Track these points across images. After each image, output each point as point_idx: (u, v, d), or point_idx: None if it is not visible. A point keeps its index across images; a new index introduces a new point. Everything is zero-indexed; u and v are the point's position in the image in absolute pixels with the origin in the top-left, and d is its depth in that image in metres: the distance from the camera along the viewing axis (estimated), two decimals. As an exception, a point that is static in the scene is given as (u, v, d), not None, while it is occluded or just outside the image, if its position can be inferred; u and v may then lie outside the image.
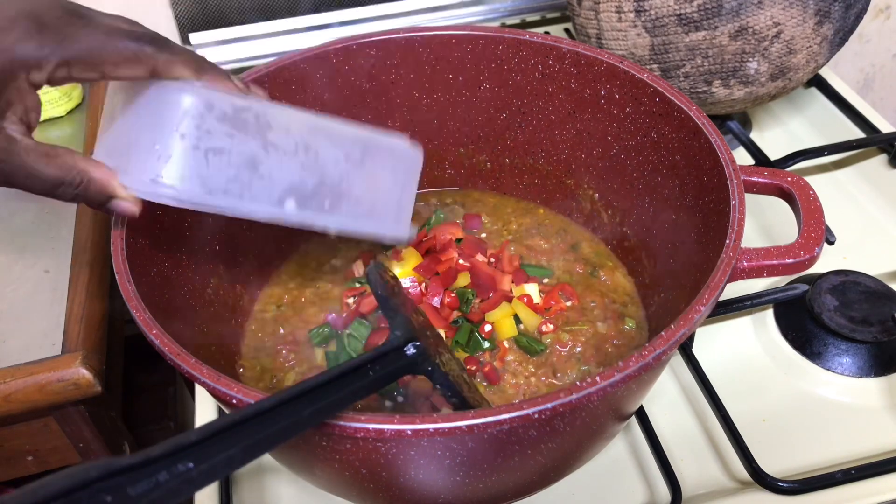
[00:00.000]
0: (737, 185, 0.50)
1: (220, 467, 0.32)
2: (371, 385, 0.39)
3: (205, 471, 0.31)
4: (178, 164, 0.43)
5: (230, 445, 0.32)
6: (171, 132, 0.42)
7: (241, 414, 0.34)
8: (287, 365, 0.61)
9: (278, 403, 0.35)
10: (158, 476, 0.30)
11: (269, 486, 0.58)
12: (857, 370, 0.62)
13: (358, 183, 0.53)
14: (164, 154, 0.43)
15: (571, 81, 0.64)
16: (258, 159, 0.46)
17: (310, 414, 0.36)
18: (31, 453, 0.68)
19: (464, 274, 0.64)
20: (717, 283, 0.44)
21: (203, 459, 0.31)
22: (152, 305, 0.46)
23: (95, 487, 0.27)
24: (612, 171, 0.65)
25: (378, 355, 0.41)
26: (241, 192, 0.46)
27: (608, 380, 0.39)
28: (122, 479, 0.28)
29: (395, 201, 0.57)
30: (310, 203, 0.50)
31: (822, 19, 0.69)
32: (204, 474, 0.31)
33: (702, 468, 0.58)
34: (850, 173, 0.82)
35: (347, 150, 0.52)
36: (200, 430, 0.32)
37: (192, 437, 0.31)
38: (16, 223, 0.73)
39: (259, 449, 0.34)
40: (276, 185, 0.48)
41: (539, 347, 0.60)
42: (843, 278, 0.67)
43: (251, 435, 0.33)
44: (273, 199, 0.48)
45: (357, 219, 0.54)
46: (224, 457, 0.32)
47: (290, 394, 0.36)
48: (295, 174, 0.49)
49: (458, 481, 0.45)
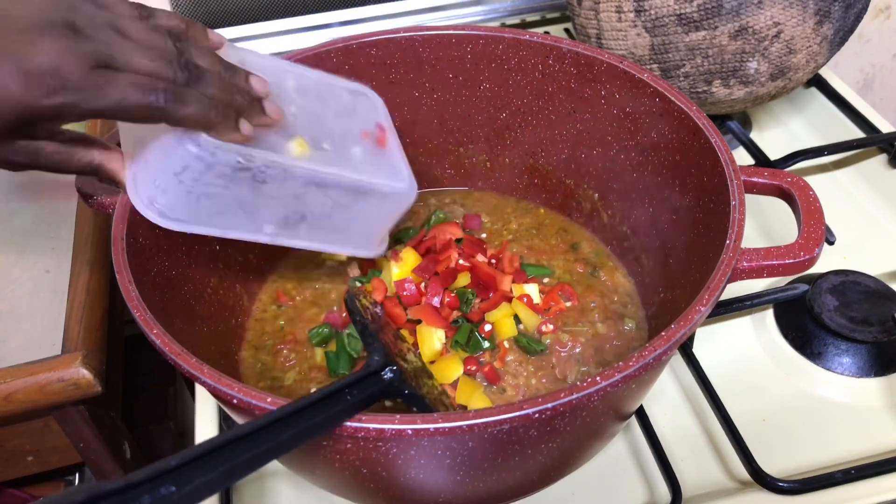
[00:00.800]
0: (737, 185, 0.50)
1: (202, 491, 0.33)
2: (350, 409, 0.40)
3: (186, 494, 0.32)
4: (172, 199, 0.48)
5: (210, 470, 0.33)
6: (170, 175, 0.47)
7: (222, 438, 0.35)
8: (287, 364, 0.61)
9: (257, 428, 0.36)
10: (141, 500, 0.30)
11: (269, 485, 0.58)
12: (857, 370, 0.62)
13: (340, 218, 0.56)
14: (161, 188, 0.48)
15: (571, 81, 0.64)
16: (246, 203, 0.51)
17: (289, 438, 0.37)
18: (31, 453, 0.68)
19: (464, 274, 0.64)
20: (717, 284, 0.44)
21: (184, 483, 0.32)
22: (152, 305, 0.46)
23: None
24: (612, 171, 0.65)
25: (356, 380, 0.42)
26: (225, 225, 0.52)
27: (609, 379, 0.39)
28: (111, 502, 0.29)
29: (375, 231, 0.60)
30: (286, 231, 0.55)
31: (822, 19, 0.69)
32: (185, 498, 0.32)
33: (702, 468, 0.58)
34: (850, 173, 0.82)
35: (338, 198, 0.55)
36: (180, 456, 0.33)
37: (172, 462, 0.32)
38: (16, 223, 0.73)
39: (239, 472, 0.35)
40: (259, 219, 0.53)
41: (539, 348, 0.60)
42: (843, 278, 0.67)
43: (231, 459, 0.34)
44: (253, 228, 0.53)
45: (331, 243, 0.58)
46: (204, 481, 0.33)
47: (269, 419, 0.37)
48: (279, 213, 0.53)
49: (459, 481, 0.45)
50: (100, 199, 0.54)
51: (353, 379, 0.42)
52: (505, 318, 0.61)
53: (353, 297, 0.51)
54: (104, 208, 0.54)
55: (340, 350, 0.60)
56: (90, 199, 0.55)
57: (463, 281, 0.63)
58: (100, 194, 0.54)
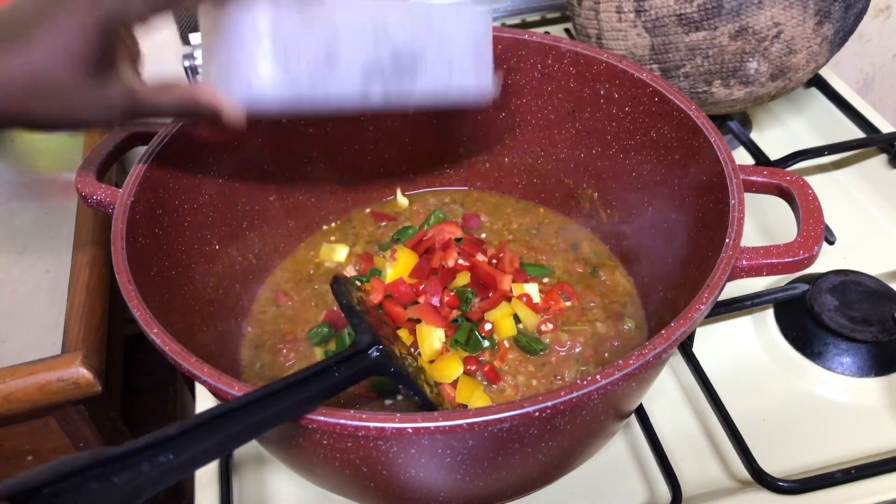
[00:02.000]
0: (736, 184, 0.50)
1: (198, 458, 0.35)
2: (338, 384, 0.42)
3: (184, 461, 0.34)
4: (265, 71, 0.49)
5: (206, 439, 0.35)
6: (253, 48, 0.48)
7: (217, 410, 0.36)
8: (287, 364, 0.61)
9: (250, 401, 0.38)
10: (142, 466, 0.32)
11: (269, 484, 0.58)
12: (857, 370, 0.62)
13: (431, 48, 0.56)
14: (252, 66, 0.49)
15: (571, 81, 0.64)
16: (332, 47, 0.51)
17: (280, 411, 0.38)
18: (31, 453, 0.68)
19: (463, 273, 0.64)
20: (716, 282, 0.44)
21: (182, 451, 0.34)
22: (152, 305, 0.46)
23: (84, 475, 0.30)
24: (612, 171, 0.65)
25: (344, 358, 0.44)
26: (326, 79, 0.51)
27: (608, 378, 0.39)
28: (108, 469, 0.31)
29: (472, 56, 0.59)
30: (391, 80, 0.54)
31: (822, 19, 0.69)
32: (183, 464, 0.34)
33: (702, 468, 0.58)
34: (850, 173, 0.82)
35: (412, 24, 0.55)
36: (179, 425, 0.35)
37: (171, 431, 0.34)
38: (16, 223, 0.73)
39: (235, 441, 0.37)
40: (354, 64, 0.52)
41: (538, 347, 0.60)
42: (843, 278, 0.67)
43: (226, 429, 0.36)
44: (355, 80, 0.53)
45: (438, 80, 0.57)
46: (201, 449, 0.35)
47: (260, 393, 0.38)
48: (369, 51, 0.53)
49: (459, 479, 0.45)
50: (99, 198, 0.54)
51: (341, 357, 0.43)
52: (505, 317, 0.61)
53: (337, 280, 0.52)
54: (104, 207, 0.54)
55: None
56: (90, 199, 0.55)
57: (462, 280, 0.63)
58: (99, 194, 0.54)
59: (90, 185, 0.55)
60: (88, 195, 0.55)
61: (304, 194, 0.70)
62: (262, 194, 0.66)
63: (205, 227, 0.60)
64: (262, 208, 0.66)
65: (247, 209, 0.65)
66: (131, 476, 0.32)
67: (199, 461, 0.35)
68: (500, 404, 0.38)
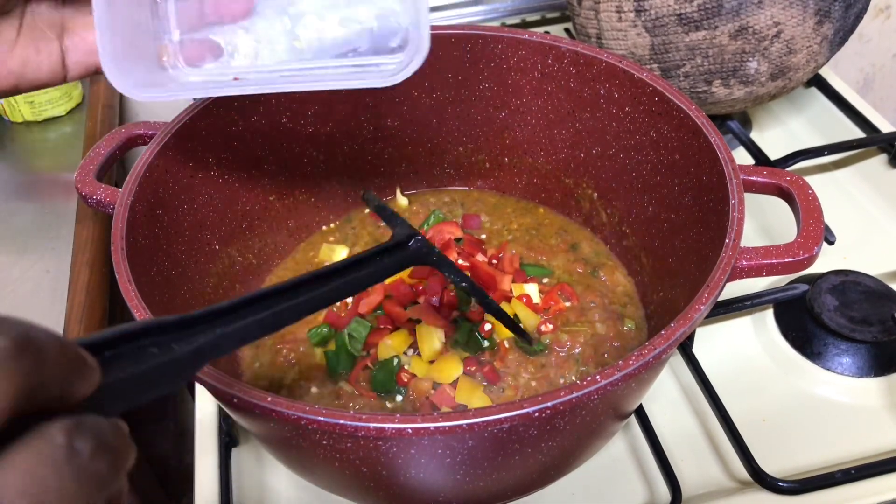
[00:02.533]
0: (736, 184, 0.50)
1: (252, 331, 0.35)
2: (382, 272, 0.43)
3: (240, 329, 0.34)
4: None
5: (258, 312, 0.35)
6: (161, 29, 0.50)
7: (269, 289, 0.37)
8: (287, 364, 0.61)
9: (298, 283, 0.38)
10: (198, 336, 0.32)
11: (269, 484, 0.58)
12: (857, 370, 0.62)
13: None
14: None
15: (570, 81, 0.64)
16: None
17: (325, 292, 0.39)
18: (30, 453, 0.68)
19: (463, 273, 0.64)
20: (716, 282, 0.44)
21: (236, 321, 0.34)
22: (152, 305, 0.46)
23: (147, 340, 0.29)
24: (612, 171, 0.65)
25: (385, 248, 0.44)
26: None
27: (608, 378, 0.39)
28: (168, 336, 0.30)
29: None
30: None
31: (822, 19, 0.69)
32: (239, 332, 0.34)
33: (702, 468, 0.58)
34: (849, 173, 0.82)
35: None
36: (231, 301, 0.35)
37: (224, 305, 0.34)
38: (16, 223, 0.73)
39: (284, 318, 0.37)
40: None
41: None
42: (843, 278, 0.67)
43: (276, 305, 0.37)
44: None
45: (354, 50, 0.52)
46: (253, 320, 0.35)
47: (306, 277, 0.39)
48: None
49: (459, 480, 0.45)
50: (99, 198, 0.54)
51: (382, 247, 0.44)
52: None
53: (368, 191, 0.53)
54: (104, 207, 0.54)
55: (340, 349, 0.60)
56: (90, 199, 0.55)
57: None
58: (99, 194, 0.54)
59: (90, 185, 0.55)
60: (88, 195, 0.55)
61: (304, 194, 0.70)
62: (262, 194, 0.66)
63: (205, 227, 0.60)
64: (262, 208, 0.66)
65: (247, 209, 0.65)
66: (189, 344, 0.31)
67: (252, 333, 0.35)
68: (500, 404, 0.38)
